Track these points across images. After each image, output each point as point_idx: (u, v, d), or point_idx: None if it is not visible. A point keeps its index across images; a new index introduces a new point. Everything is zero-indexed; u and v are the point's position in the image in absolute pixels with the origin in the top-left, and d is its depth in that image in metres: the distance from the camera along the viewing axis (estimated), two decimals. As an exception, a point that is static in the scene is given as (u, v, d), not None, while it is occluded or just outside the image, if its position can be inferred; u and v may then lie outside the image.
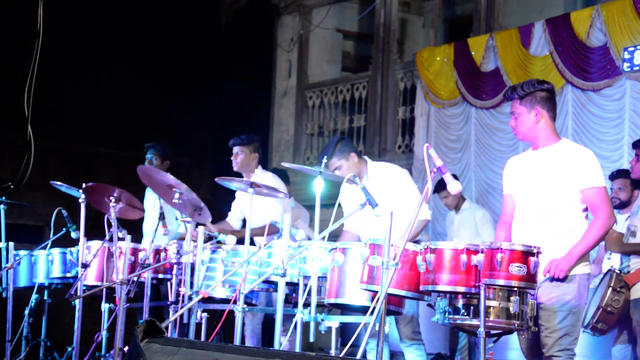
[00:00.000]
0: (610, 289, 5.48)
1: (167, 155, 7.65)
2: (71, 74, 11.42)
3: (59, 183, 6.05)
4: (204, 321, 5.28)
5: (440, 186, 7.62)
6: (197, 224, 5.55)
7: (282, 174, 7.13)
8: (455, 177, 7.65)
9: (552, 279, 4.17)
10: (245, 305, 4.90)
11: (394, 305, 4.54)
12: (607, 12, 7.89)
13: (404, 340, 5.25)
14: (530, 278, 3.97)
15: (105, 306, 5.98)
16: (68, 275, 6.64)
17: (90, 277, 6.13)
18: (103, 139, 11.63)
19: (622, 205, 6.04)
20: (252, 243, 5.27)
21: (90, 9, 11.40)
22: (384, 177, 5.36)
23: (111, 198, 5.62)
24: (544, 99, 4.36)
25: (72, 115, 11.46)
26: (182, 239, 5.98)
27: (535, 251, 3.99)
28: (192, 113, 12.12)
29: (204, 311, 5.28)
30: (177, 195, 5.51)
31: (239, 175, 6.43)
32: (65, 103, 11.34)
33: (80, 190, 5.82)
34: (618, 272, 5.54)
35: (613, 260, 5.85)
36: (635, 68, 7.61)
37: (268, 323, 6.75)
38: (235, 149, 6.62)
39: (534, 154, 4.41)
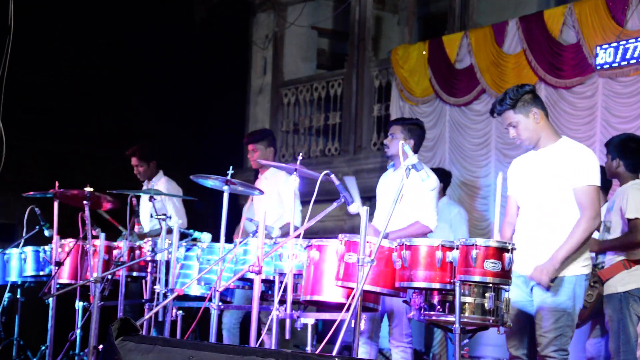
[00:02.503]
0: (584, 283, 5.54)
1: (152, 155, 7.52)
2: (43, 71, 11.31)
3: (31, 193, 5.98)
4: (179, 319, 5.26)
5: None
6: None
7: None
8: (444, 170, 7.71)
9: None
10: (220, 303, 4.89)
11: (369, 302, 4.55)
12: (579, 11, 7.96)
13: (391, 341, 5.26)
14: (504, 274, 4.00)
15: (79, 304, 5.94)
16: (41, 273, 6.59)
17: (63, 275, 6.09)
18: (77, 136, 11.53)
19: None
20: (228, 241, 5.25)
21: (63, 8, 11.29)
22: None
23: (84, 200, 5.56)
24: (533, 99, 4.40)
25: (45, 112, 11.35)
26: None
27: (509, 247, 4.02)
28: (167, 111, 12.06)
29: (179, 309, 5.26)
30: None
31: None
32: (37, 100, 11.23)
33: (53, 193, 5.77)
34: (592, 267, 5.60)
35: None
36: (606, 66, 7.69)
37: (246, 321, 6.74)
38: (250, 146, 6.54)
39: (535, 154, 4.45)
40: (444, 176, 7.70)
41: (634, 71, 7.56)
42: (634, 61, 7.50)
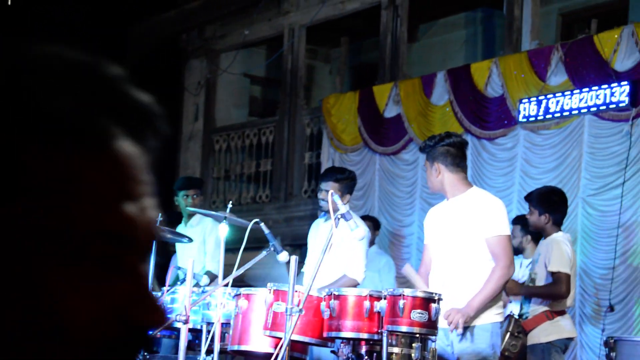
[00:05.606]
0: (509, 333, 5.62)
1: None
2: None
3: None
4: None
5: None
6: None
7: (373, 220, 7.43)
8: (373, 219, 7.84)
9: (462, 330, 4.26)
10: (146, 354, 4.80)
11: (297, 352, 4.53)
12: (504, 65, 8.21)
13: None
14: (431, 324, 4.04)
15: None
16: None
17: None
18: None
19: (515, 251, 6.23)
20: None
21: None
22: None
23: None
24: (442, 154, 4.48)
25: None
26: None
27: (436, 297, 4.07)
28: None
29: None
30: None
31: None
32: None
33: None
34: (517, 317, 5.69)
35: (513, 306, 6.02)
36: (529, 119, 7.93)
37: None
38: (191, 192, 6.51)
39: (447, 203, 4.53)
40: (374, 225, 7.78)
41: (554, 125, 7.81)
42: (557, 115, 7.76)
